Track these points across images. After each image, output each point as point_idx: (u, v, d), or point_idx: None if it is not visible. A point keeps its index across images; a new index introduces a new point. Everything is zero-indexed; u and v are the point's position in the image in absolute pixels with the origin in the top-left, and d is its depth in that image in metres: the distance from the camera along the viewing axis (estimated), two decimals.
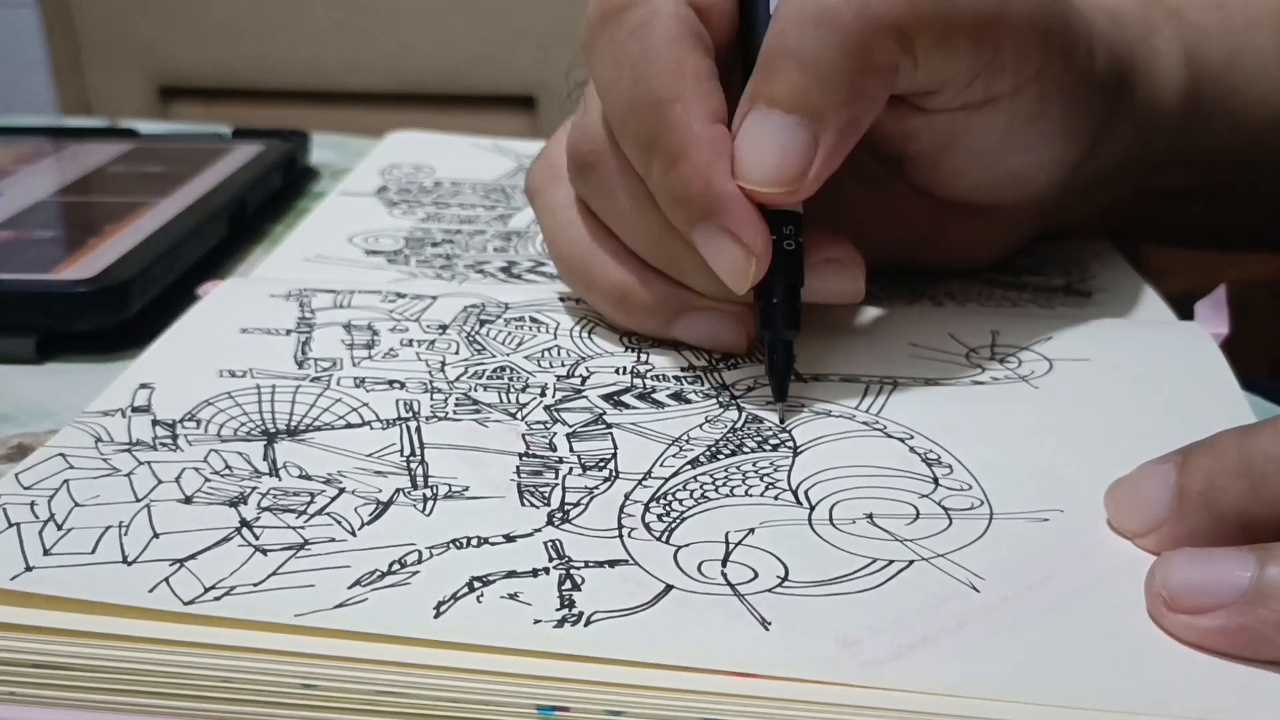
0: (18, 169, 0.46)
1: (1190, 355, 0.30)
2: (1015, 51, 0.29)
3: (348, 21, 1.48)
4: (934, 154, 0.31)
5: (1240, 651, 0.20)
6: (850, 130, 0.27)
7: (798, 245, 0.27)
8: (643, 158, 0.27)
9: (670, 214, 0.27)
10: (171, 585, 0.21)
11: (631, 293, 0.30)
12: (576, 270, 0.31)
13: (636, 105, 0.27)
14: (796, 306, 0.28)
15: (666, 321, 0.30)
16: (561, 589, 0.21)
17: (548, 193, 0.32)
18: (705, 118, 0.27)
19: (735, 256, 0.26)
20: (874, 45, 0.26)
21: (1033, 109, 0.30)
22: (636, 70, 0.27)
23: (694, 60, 0.27)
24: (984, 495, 0.24)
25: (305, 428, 0.27)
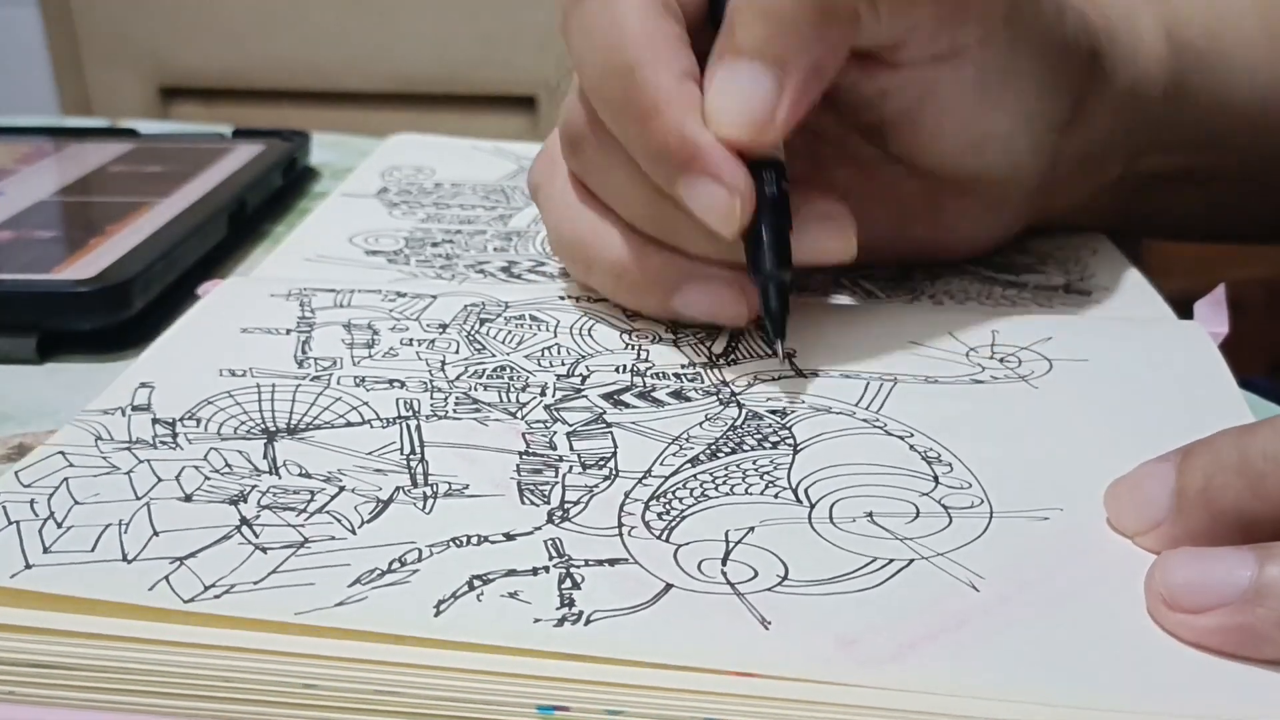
0: (18, 169, 0.46)
1: (1189, 355, 0.30)
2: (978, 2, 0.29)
3: (348, 22, 1.48)
4: (910, 114, 0.32)
5: (1240, 650, 0.20)
6: (814, 76, 0.28)
7: (780, 190, 0.28)
8: (619, 122, 0.28)
9: (653, 174, 0.28)
10: (171, 583, 0.21)
11: (631, 268, 0.30)
12: (577, 252, 0.32)
13: (608, 72, 0.28)
14: (786, 246, 0.28)
15: (667, 294, 0.30)
16: (561, 588, 0.21)
17: (548, 185, 0.33)
18: (675, 75, 0.27)
19: (719, 198, 0.27)
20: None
21: (1002, 61, 0.31)
22: (606, 39, 0.28)
23: (660, 25, 0.28)
24: (984, 494, 0.24)
25: (305, 426, 0.27)
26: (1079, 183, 0.36)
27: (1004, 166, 0.33)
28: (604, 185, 0.31)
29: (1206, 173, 0.39)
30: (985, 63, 0.31)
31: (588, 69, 0.29)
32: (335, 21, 1.48)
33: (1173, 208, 0.41)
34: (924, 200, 0.34)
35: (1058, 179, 0.35)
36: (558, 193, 0.32)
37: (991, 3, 0.30)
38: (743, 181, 0.27)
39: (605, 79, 0.28)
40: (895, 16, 0.29)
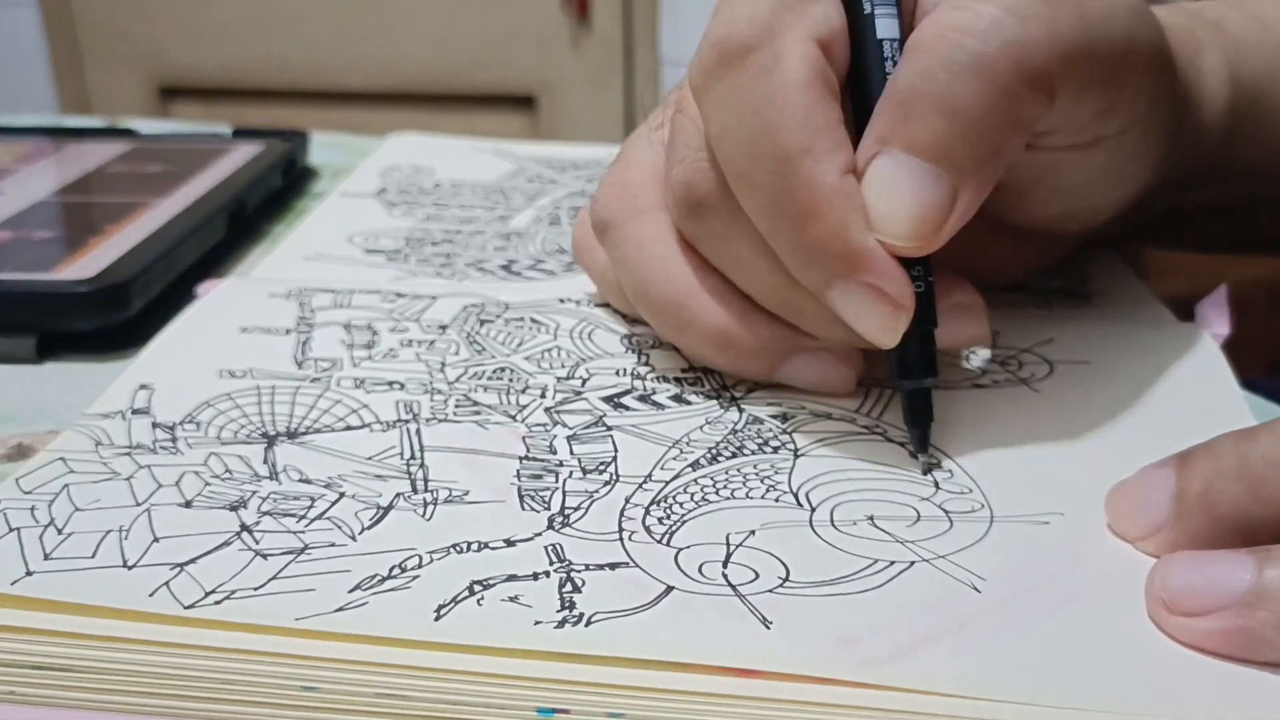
0: (18, 169, 0.46)
1: (1190, 357, 0.30)
2: (1134, 93, 0.28)
3: (348, 22, 1.48)
4: (1023, 187, 0.30)
5: (1239, 653, 0.20)
6: (988, 181, 0.25)
7: (928, 286, 0.26)
8: (766, 215, 0.25)
9: (801, 274, 0.26)
10: (172, 589, 0.21)
11: (736, 335, 0.28)
12: (671, 310, 0.29)
13: (761, 158, 0.25)
14: (932, 351, 0.26)
15: (773, 364, 0.28)
16: (562, 591, 0.21)
17: (631, 225, 0.29)
18: (838, 171, 0.25)
19: (884, 314, 0.25)
20: (1024, 99, 0.25)
21: (1134, 147, 0.29)
22: (762, 119, 0.25)
23: (823, 108, 0.25)
24: (984, 498, 0.24)
25: (305, 430, 0.27)
26: (1128, 219, 0.35)
27: (1081, 228, 0.32)
28: (723, 255, 0.28)
29: (1250, 202, 0.38)
30: (1116, 150, 0.29)
31: (733, 147, 0.26)
32: (335, 21, 1.48)
33: (1204, 232, 0.40)
34: (976, 241, 0.32)
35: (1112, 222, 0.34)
36: (649, 240, 0.29)
37: (1141, 98, 0.28)
38: (907, 294, 0.25)
39: (755, 164, 0.25)
40: (1063, 115, 0.26)
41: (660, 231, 0.29)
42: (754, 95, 0.25)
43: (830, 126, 0.25)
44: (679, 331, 0.29)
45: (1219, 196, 0.37)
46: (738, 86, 0.25)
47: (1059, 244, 0.34)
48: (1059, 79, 0.25)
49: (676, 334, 0.29)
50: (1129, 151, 0.29)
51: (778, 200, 0.25)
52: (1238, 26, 0.36)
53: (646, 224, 0.29)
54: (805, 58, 0.25)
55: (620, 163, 0.31)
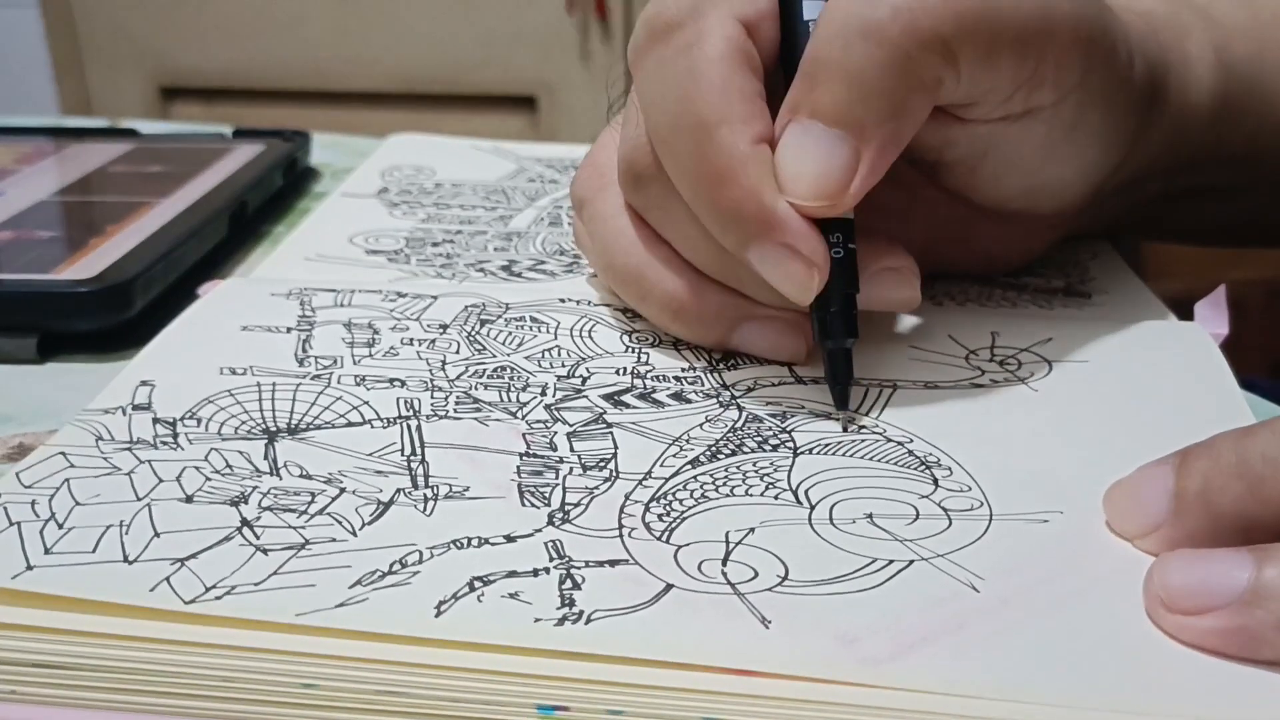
0: (19, 169, 0.46)
1: (1189, 356, 0.30)
2: (1058, 63, 0.28)
3: (348, 22, 1.48)
4: (970, 162, 0.31)
5: (1238, 652, 0.20)
6: (892, 145, 0.27)
7: (848, 252, 0.27)
8: (687, 180, 0.27)
9: (721, 236, 0.27)
10: (172, 584, 0.21)
11: (688, 303, 0.30)
12: (630, 280, 0.31)
13: (682, 127, 0.27)
14: (853, 313, 0.27)
15: (725, 331, 0.30)
16: (562, 588, 0.21)
17: (597, 201, 0.31)
18: (751, 139, 0.26)
19: (796, 272, 0.26)
20: (919, 60, 0.26)
21: (1072, 118, 0.30)
22: (683, 90, 0.27)
23: (741, 80, 0.27)
24: (983, 497, 0.24)
25: (306, 426, 0.27)
26: (1118, 204, 0.36)
27: (1051, 207, 0.33)
28: (664, 223, 0.30)
29: (1242, 187, 0.39)
30: (1055, 121, 0.30)
31: (658, 117, 0.28)
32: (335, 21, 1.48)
33: (1203, 219, 0.40)
34: (959, 225, 0.34)
35: (1098, 202, 0.34)
36: (609, 216, 0.31)
37: (1070, 66, 0.29)
38: (820, 253, 0.26)
39: (677, 133, 0.27)
40: (975, 82, 0.28)
41: (620, 206, 0.31)
42: (677, 69, 0.27)
43: (746, 99, 0.27)
44: (640, 301, 0.31)
45: (1211, 180, 0.37)
46: (663, 60, 0.27)
47: (1044, 226, 0.34)
48: (957, 43, 0.26)
49: (638, 303, 0.31)
50: (1069, 122, 0.30)
51: (695, 167, 0.27)
52: (1224, 11, 0.36)
53: (610, 199, 0.31)
54: (726, 35, 0.27)
55: (595, 145, 0.33)
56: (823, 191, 0.26)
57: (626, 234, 0.30)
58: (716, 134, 0.26)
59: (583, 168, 0.33)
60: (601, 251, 0.31)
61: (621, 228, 0.31)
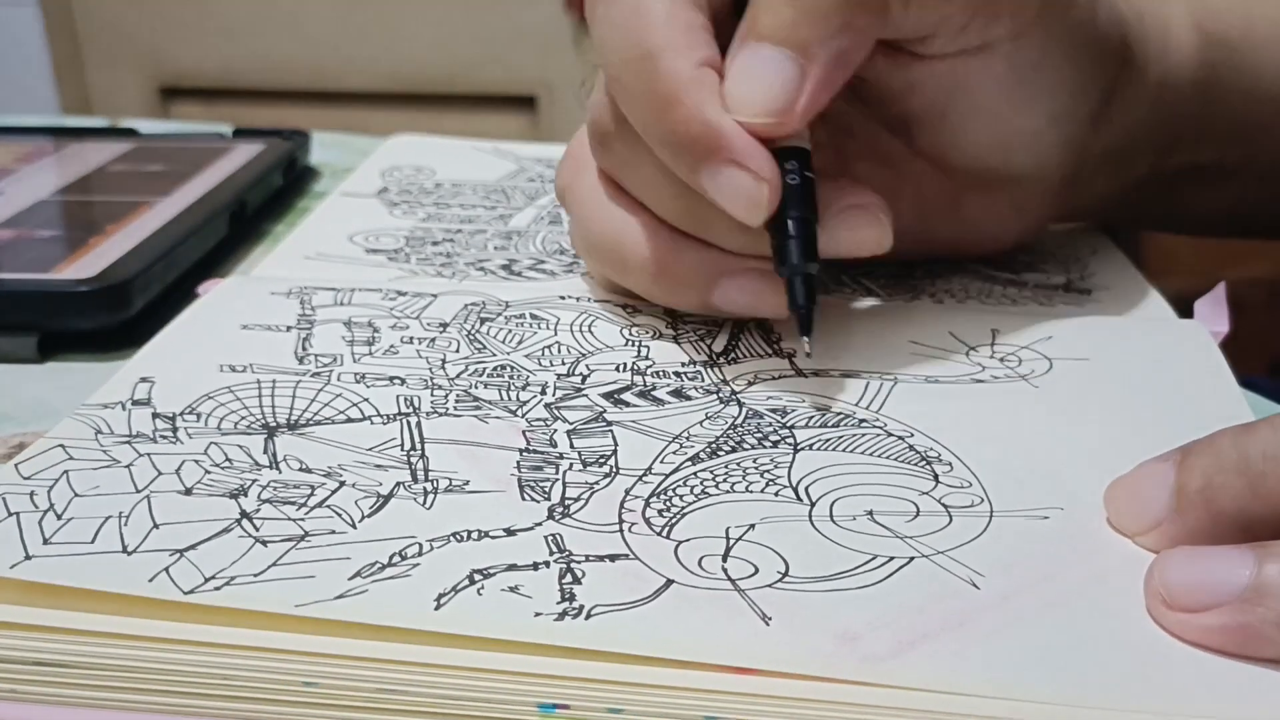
0: (19, 168, 0.46)
1: (1189, 354, 0.30)
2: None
3: (348, 21, 1.48)
4: (937, 108, 0.31)
5: (1239, 650, 0.20)
6: (839, 64, 0.27)
7: (804, 179, 0.27)
8: (639, 112, 0.28)
9: (675, 166, 0.27)
10: (171, 575, 0.21)
11: (667, 265, 0.30)
12: (609, 252, 0.31)
13: (629, 60, 0.27)
14: (812, 237, 0.27)
15: (705, 289, 0.30)
16: (562, 582, 0.21)
17: (576, 185, 0.32)
18: (694, 63, 0.27)
19: (744, 185, 0.26)
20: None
21: (1033, 57, 0.30)
22: (629, 25, 0.27)
23: (685, 12, 0.27)
24: (984, 493, 0.24)
25: (306, 422, 0.27)
26: (1106, 179, 0.36)
27: (1030, 165, 0.33)
28: (634, 180, 0.30)
29: (1235, 168, 0.38)
30: (1016, 59, 0.30)
31: (610, 57, 0.28)
32: (335, 21, 1.48)
33: (1199, 203, 0.40)
34: (947, 198, 0.34)
35: (1084, 176, 0.35)
36: (586, 192, 0.32)
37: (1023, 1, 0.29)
38: (767, 167, 0.26)
39: (625, 67, 0.27)
40: (925, 7, 0.28)
41: (595, 184, 0.31)
42: (624, 6, 0.28)
43: (690, 28, 0.27)
44: (621, 269, 0.31)
45: (1201, 159, 0.37)
46: (612, 1, 0.28)
47: (1032, 198, 0.34)
48: None
49: (620, 273, 0.31)
50: (1030, 62, 0.30)
51: (643, 95, 0.27)
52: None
53: (586, 178, 0.32)
54: None
55: (571, 141, 0.33)
56: (768, 108, 0.26)
57: (603, 205, 0.31)
58: (661, 60, 0.27)
59: (563, 160, 0.33)
60: (581, 229, 0.32)
61: (598, 200, 0.31)
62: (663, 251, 0.30)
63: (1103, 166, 0.35)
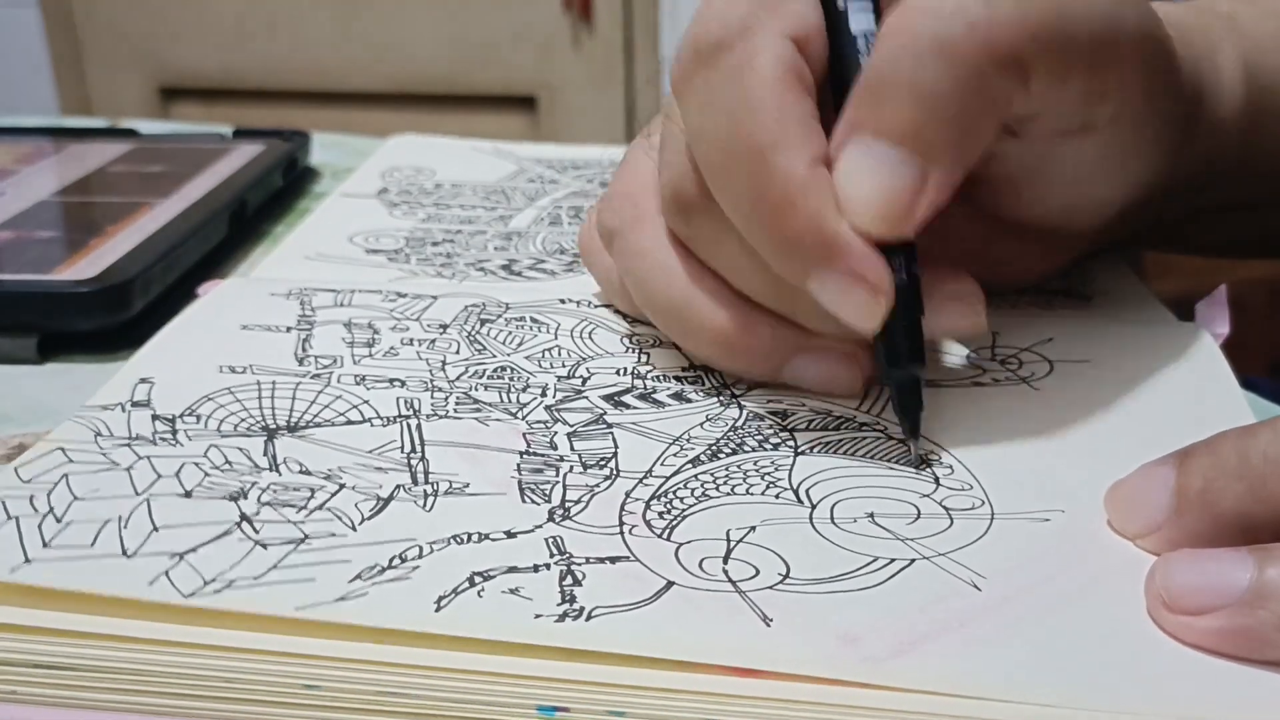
0: (19, 169, 0.46)
1: (1190, 356, 0.30)
2: (1120, 79, 0.27)
3: (348, 22, 1.48)
4: (1017, 178, 0.30)
5: (1240, 652, 0.20)
6: (959, 166, 0.25)
7: (912, 277, 0.26)
8: (743, 210, 0.26)
9: (780, 266, 0.26)
10: (171, 578, 0.21)
11: (739, 338, 0.28)
12: (675, 316, 0.29)
13: (735, 154, 0.25)
14: (919, 340, 0.26)
15: (777, 366, 0.28)
16: (562, 584, 0.21)
17: (632, 233, 0.30)
18: (809, 162, 0.25)
19: (861, 299, 0.25)
20: (992, 79, 0.25)
21: (1128, 138, 0.29)
22: (735, 117, 0.25)
23: (796, 103, 0.25)
24: (985, 495, 0.24)
25: (305, 424, 0.27)
26: (1143, 220, 0.35)
27: (1085, 225, 0.32)
28: (716, 256, 0.28)
29: (1265, 200, 0.37)
30: (1111, 140, 0.28)
31: (708, 145, 0.26)
32: (335, 22, 1.48)
33: (1225, 233, 0.39)
34: (981, 241, 0.32)
35: (1120, 220, 0.33)
36: (649, 248, 0.29)
37: (1130, 80, 0.27)
38: (885, 280, 0.25)
39: (730, 160, 0.25)
40: (1043, 98, 0.26)
41: (661, 238, 0.29)
42: (727, 92, 0.25)
43: (802, 121, 0.25)
44: (684, 336, 0.29)
45: (1236, 195, 0.36)
46: (712, 84, 0.26)
47: (1067, 244, 0.33)
48: (1031, 60, 0.25)
49: (682, 338, 0.29)
50: (1125, 141, 0.29)
51: (751, 195, 0.25)
52: (1253, 23, 0.35)
53: (648, 231, 0.29)
54: (778, 55, 0.26)
55: (624, 171, 0.31)
56: (888, 214, 0.25)
57: (669, 267, 0.29)
58: (773, 159, 0.25)
59: (613, 196, 0.31)
60: (640, 285, 0.30)
61: (663, 261, 0.29)
62: (735, 324, 0.28)
63: (1141, 211, 0.34)
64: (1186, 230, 0.38)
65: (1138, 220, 0.34)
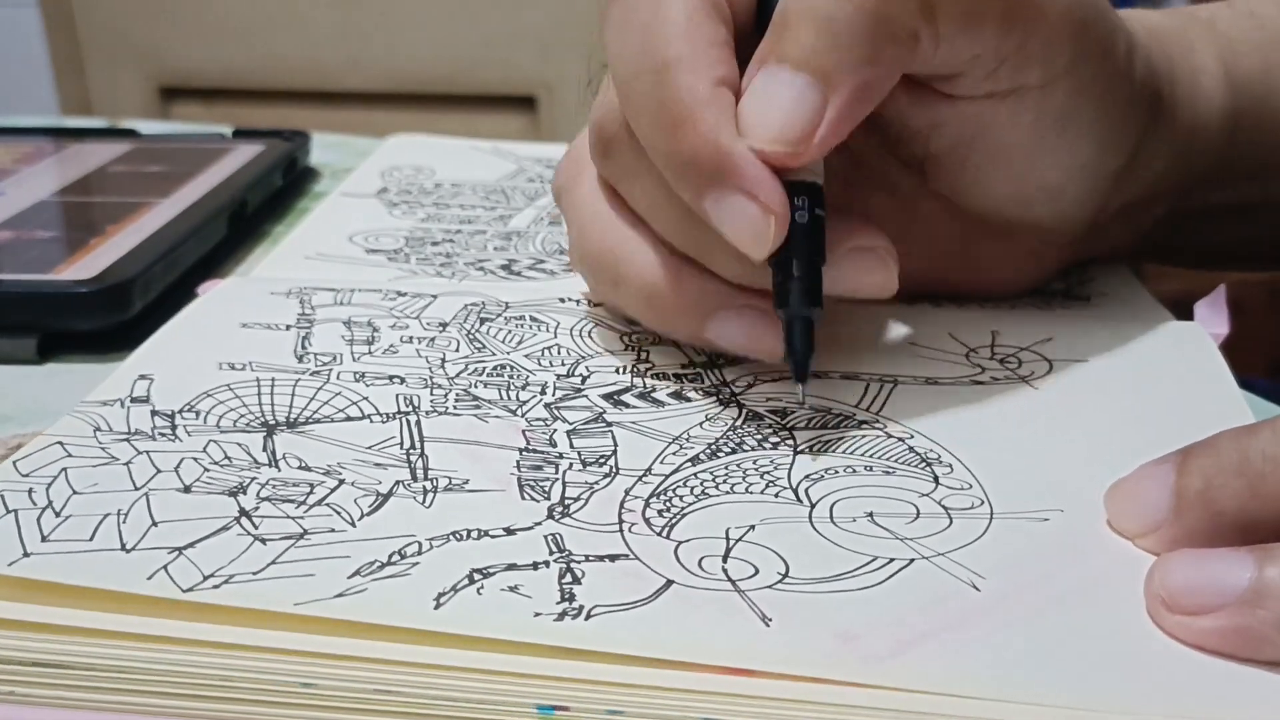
0: (18, 169, 0.46)
1: (1189, 356, 0.30)
2: (1047, 40, 0.27)
3: (348, 22, 1.48)
4: (959, 151, 0.30)
5: (1239, 652, 0.20)
6: (862, 96, 0.26)
7: (814, 217, 0.26)
8: (646, 125, 0.26)
9: (679, 186, 0.26)
10: (170, 573, 0.21)
11: (662, 290, 0.28)
12: (604, 268, 0.29)
13: (642, 71, 0.26)
14: (816, 281, 0.26)
15: (699, 321, 0.28)
16: (562, 582, 0.21)
17: (574, 189, 0.31)
18: (712, 81, 0.25)
19: (750, 215, 0.25)
20: (894, 7, 0.25)
21: (1063, 107, 0.29)
22: (645, 34, 0.26)
23: (707, 25, 0.26)
24: (984, 495, 0.24)
25: (305, 420, 0.27)
26: (1123, 226, 0.35)
27: (1049, 217, 0.32)
28: (635, 193, 0.28)
29: (1255, 204, 0.37)
30: (1044, 108, 0.29)
31: (621, 64, 0.27)
32: (335, 21, 1.48)
33: (1217, 240, 0.39)
34: (960, 241, 0.32)
35: (1101, 224, 0.33)
36: (584, 199, 0.30)
37: (1060, 46, 0.28)
38: (776, 199, 0.25)
39: (637, 78, 0.26)
40: (956, 47, 0.27)
41: (596, 190, 0.30)
42: (641, 13, 0.26)
43: (711, 43, 0.26)
44: (613, 286, 0.30)
45: (1226, 198, 0.36)
46: (629, 6, 0.27)
47: (1047, 247, 0.33)
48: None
49: (611, 289, 0.30)
50: (1059, 111, 0.29)
51: (653, 109, 0.26)
52: (1230, 24, 0.36)
53: (585, 183, 0.30)
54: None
55: (574, 141, 0.32)
56: (785, 136, 0.25)
57: (601, 215, 0.29)
58: (676, 74, 0.25)
59: (562, 159, 0.32)
60: (576, 237, 0.30)
61: (597, 210, 0.29)
62: (660, 274, 0.28)
63: (1121, 215, 0.34)
64: (1175, 240, 0.38)
65: (1119, 230, 0.34)
